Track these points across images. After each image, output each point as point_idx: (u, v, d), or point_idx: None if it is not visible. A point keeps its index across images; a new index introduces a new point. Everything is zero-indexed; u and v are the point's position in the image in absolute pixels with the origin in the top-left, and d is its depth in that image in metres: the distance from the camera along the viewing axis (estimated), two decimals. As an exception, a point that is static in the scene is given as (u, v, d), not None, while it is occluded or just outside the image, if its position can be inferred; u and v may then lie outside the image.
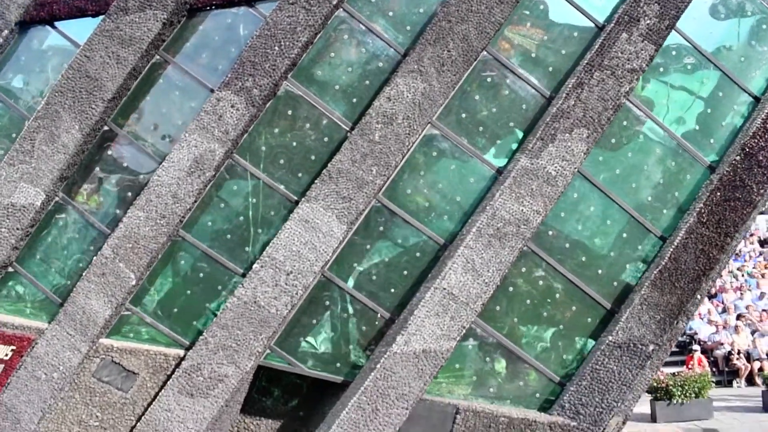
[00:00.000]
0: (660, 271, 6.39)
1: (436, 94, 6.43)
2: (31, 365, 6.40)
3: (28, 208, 6.51)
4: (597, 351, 6.40)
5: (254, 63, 6.40)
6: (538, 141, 6.35)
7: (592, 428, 6.26)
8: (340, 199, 6.38)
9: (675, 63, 6.75)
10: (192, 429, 6.35)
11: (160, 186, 6.40)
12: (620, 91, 6.40)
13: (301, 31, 6.38)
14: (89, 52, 6.54)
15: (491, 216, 6.29)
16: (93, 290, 6.39)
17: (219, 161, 6.39)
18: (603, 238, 6.64)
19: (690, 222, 6.42)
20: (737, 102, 6.71)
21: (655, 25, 6.44)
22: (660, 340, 6.28)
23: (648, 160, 6.66)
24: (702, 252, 6.36)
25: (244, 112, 6.38)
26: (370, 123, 6.41)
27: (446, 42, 6.42)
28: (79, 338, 6.37)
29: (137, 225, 6.40)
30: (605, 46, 6.42)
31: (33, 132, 6.52)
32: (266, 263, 6.37)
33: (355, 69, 6.64)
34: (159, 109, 6.72)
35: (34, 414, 6.36)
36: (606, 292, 6.60)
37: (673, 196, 6.67)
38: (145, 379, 6.53)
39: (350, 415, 6.14)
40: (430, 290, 6.22)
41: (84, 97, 6.52)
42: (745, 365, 15.05)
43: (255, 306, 6.35)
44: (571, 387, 6.42)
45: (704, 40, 6.71)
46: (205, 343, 6.36)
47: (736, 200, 6.39)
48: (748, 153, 6.43)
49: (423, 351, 6.19)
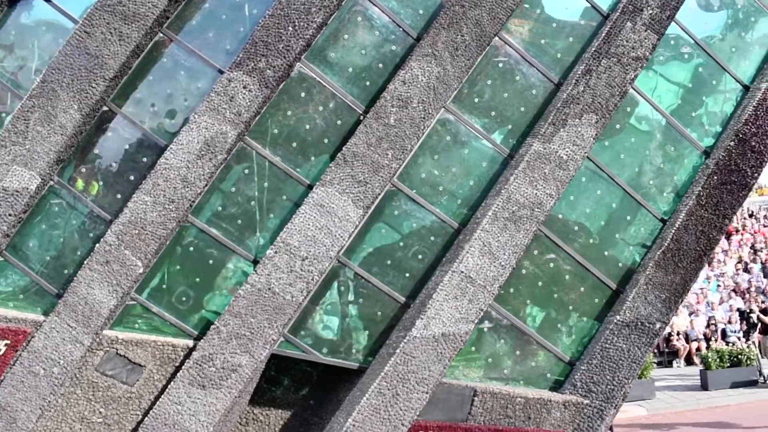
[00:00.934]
0: (663, 252, 6.64)
1: (450, 78, 6.44)
2: (27, 360, 6.00)
3: (22, 193, 6.09)
4: (606, 330, 6.58)
5: (267, 43, 6.22)
6: (549, 126, 6.47)
7: (604, 405, 6.44)
8: (356, 183, 6.30)
9: (672, 52, 7.01)
10: (204, 422, 6.12)
11: (168, 169, 6.13)
12: (626, 78, 6.61)
13: (316, 11, 6.25)
14: (89, 28, 6.17)
15: (506, 199, 6.36)
16: (96, 279, 6.05)
17: (231, 144, 6.18)
18: (608, 221, 6.83)
19: (690, 204, 6.70)
20: (729, 90, 7.05)
21: (657, 14, 6.67)
22: (666, 318, 6.53)
23: (649, 146, 6.90)
24: (702, 233, 6.64)
25: (258, 93, 6.19)
26: (385, 106, 6.36)
27: (460, 26, 6.44)
28: (81, 330, 6.02)
29: (143, 210, 6.10)
30: (611, 34, 6.61)
31: (27, 111, 6.10)
32: (280, 249, 6.21)
33: (369, 52, 6.56)
34: (163, 90, 6.43)
35: (32, 412, 5.97)
36: (611, 274, 6.81)
37: (672, 180, 6.95)
38: (152, 372, 6.25)
39: (370, 401, 6.08)
40: (448, 273, 6.23)
41: (83, 75, 6.16)
42: (684, 346, 15.90)
43: (269, 293, 6.18)
44: (581, 366, 6.57)
45: (698, 30, 7.02)
46: (218, 333, 6.14)
47: (732, 183, 6.71)
48: (741, 139, 6.76)
49: (442, 334, 6.19)
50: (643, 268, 6.71)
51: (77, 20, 6.34)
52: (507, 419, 6.35)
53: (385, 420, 6.07)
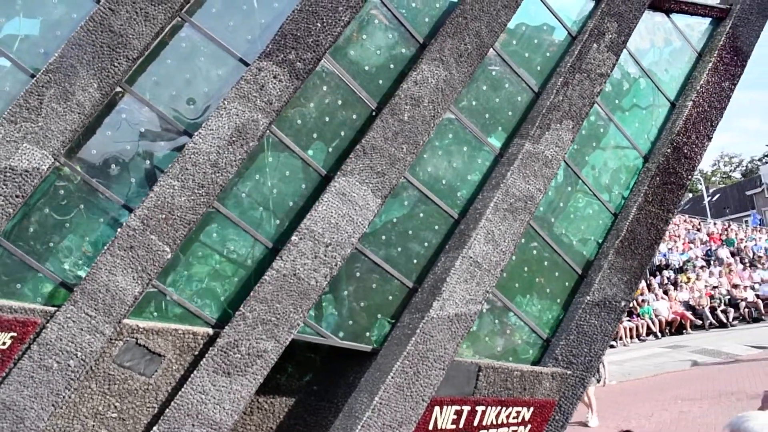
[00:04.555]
0: (621, 241, 7.70)
1: (455, 82, 7.02)
2: (38, 354, 5.53)
3: (32, 173, 5.65)
4: (579, 309, 7.47)
5: (296, 36, 6.38)
6: (537, 129, 7.28)
7: (584, 374, 7.30)
8: (375, 174, 6.63)
9: (621, 71, 8.20)
10: (229, 410, 6.04)
11: (197, 154, 6.03)
12: (594, 90, 7.64)
13: (343, 10, 6.54)
14: (114, 5, 5.92)
15: (505, 193, 7.04)
16: (119, 265, 5.76)
17: (262, 131, 6.23)
18: (576, 215, 7.78)
19: (639, 201, 7.85)
20: (660, 105, 8.37)
21: (615, 38, 7.81)
22: (629, 296, 7.58)
23: (607, 150, 7.99)
24: (652, 225, 7.81)
25: (288, 84, 6.32)
26: (399, 104, 6.78)
27: (463, 36, 7.07)
28: (101, 319, 5.69)
29: (171, 194, 5.94)
30: (582, 53, 7.62)
31: (42, 87, 5.69)
32: (305, 235, 6.34)
33: (383, 52, 6.95)
34: (181, 74, 6.30)
35: (42, 410, 5.51)
36: (577, 261, 7.74)
37: (620, 179, 8.08)
38: (171, 362, 6.03)
39: (395, 379, 6.38)
40: (459, 259, 6.75)
41: (106, 52, 5.88)
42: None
43: (294, 278, 6.28)
44: (560, 342, 7.39)
45: (642, 53, 8.29)
46: (243, 318, 6.11)
47: (672, 184, 7.97)
48: (675, 147, 8.07)
49: (455, 315, 6.68)
50: (604, 255, 7.72)
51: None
52: (507, 391, 6.97)
53: (407, 397, 6.41)
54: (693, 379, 13.95)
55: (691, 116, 8.14)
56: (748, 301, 21.92)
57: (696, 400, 11.76)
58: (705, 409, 11.01)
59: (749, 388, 11.94)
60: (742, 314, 21.65)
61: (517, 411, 6.97)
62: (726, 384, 12.78)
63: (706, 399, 11.80)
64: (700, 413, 10.81)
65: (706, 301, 21.70)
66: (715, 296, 22.10)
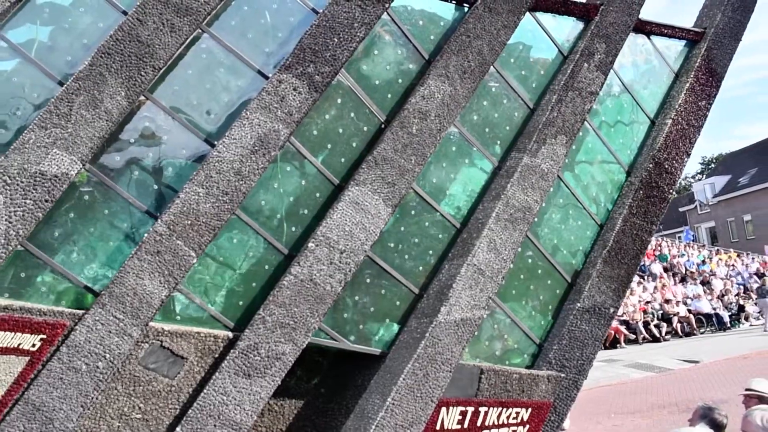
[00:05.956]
0: (608, 251, 8.18)
1: (459, 97, 7.40)
2: (67, 355, 5.65)
3: (61, 178, 5.77)
4: (570, 315, 7.91)
5: (315, 51, 6.66)
6: (534, 143, 7.71)
7: (577, 376, 7.72)
8: (385, 184, 6.93)
9: (607, 89, 8.72)
10: (249, 411, 6.24)
11: (220, 162, 6.23)
12: (584, 108, 8.12)
13: (358, 27, 6.85)
14: (142, 16, 6.10)
15: (505, 203, 7.44)
16: (146, 269, 5.91)
17: (283, 141, 6.48)
18: (566, 226, 8.23)
19: (624, 213, 8.36)
20: (641, 122, 8.92)
21: (603, 59, 8.32)
22: (618, 303, 8.05)
23: (594, 164, 8.48)
24: (636, 236, 8.32)
25: (307, 96, 6.58)
26: (408, 117, 7.11)
27: (466, 53, 7.46)
28: (129, 322, 5.83)
29: (196, 201, 6.13)
30: (574, 71, 8.09)
31: (72, 94, 5.82)
32: (321, 242, 6.60)
33: (392, 67, 7.28)
34: (202, 84, 6.49)
35: (72, 411, 5.62)
36: (566, 269, 8.19)
37: (605, 191, 8.58)
38: (192, 364, 6.20)
39: (406, 381, 6.68)
40: (464, 266, 7.10)
41: (133, 62, 6.05)
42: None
43: (311, 283, 6.53)
44: (553, 346, 7.81)
45: (624, 73, 8.83)
46: (263, 322, 6.32)
47: (654, 197, 8.51)
48: (657, 162, 8.61)
49: (461, 319, 7.02)
50: (592, 264, 8.19)
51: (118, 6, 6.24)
52: (507, 393, 7.34)
53: (418, 398, 6.71)
54: (626, 393, 14.12)
55: (671, 133, 8.70)
56: (680, 316, 22.70)
57: (629, 414, 11.95)
58: (638, 423, 11.22)
59: (681, 402, 12.24)
60: (674, 329, 22.35)
61: (516, 412, 7.34)
62: (659, 397, 13.01)
63: (639, 413, 12.01)
64: (633, 427, 11.02)
65: (639, 316, 22.30)
66: (648, 311, 22.78)
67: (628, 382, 15.44)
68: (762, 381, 5.99)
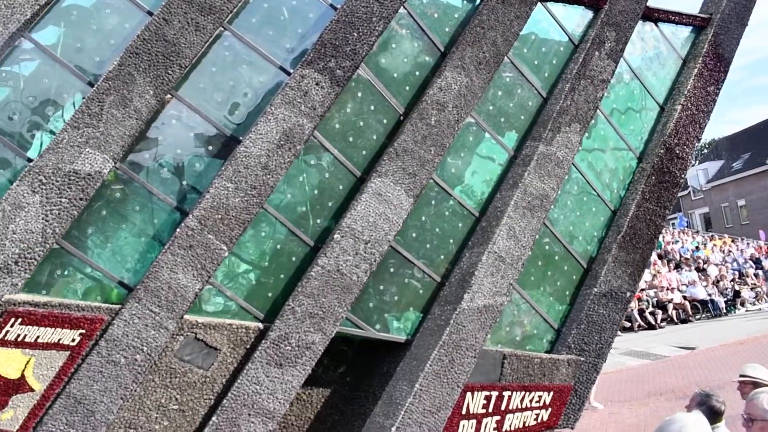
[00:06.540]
0: (623, 236, 8.34)
1: (475, 88, 7.52)
2: (106, 349, 5.77)
3: (94, 177, 5.88)
4: (587, 300, 8.07)
5: (335, 46, 6.77)
6: (549, 132, 7.85)
7: (596, 360, 7.90)
8: (407, 175, 7.07)
9: (617, 77, 8.86)
10: (281, 399, 6.38)
11: (248, 157, 6.35)
12: (597, 95, 8.26)
13: (377, 21, 6.96)
14: (168, 16, 6.20)
15: (523, 192, 7.58)
16: (180, 263, 6.04)
17: (307, 135, 6.60)
18: (581, 212, 8.39)
19: (637, 199, 8.51)
20: (651, 108, 9.07)
21: (613, 47, 8.46)
22: (634, 287, 8.22)
23: (606, 151, 8.63)
24: (650, 221, 8.48)
25: (329, 90, 6.70)
26: (426, 109, 7.24)
27: (481, 45, 7.58)
28: (165, 315, 5.96)
29: (226, 196, 6.25)
30: (586, 60, 8.23)
31: (103, 94, 5.93)
32: (346, 233, 6.73)
33: (409, 60, 7.40)
34: (225, 81, 6.60)
35: (112, 403, 5.75)
36: (582, 255, 8.35)
37: (617, 178, 8.74)
38: (225, 355, 6.34)
39: (432, 367, 6.83)
40: (485, 254, 7.25)
41: (160, 61, 6.16)
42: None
43: (338, 274, 6.66)
44: (572, 331, 7.97)
45: (633, 60, 8.98)
46: (293, 313, 6.46)
47: (666, 182, 8.67)
48: (668, 148, 8.77)
49: (484, 306, 7.17)
50: (607, 249, 8.35)
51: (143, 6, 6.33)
52: (529, 377, 7.50)
53: (444, 383, 6.86)
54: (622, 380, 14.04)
55: (681, 119, 8.86)
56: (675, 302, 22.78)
57: (625, 402, 11.98)
58: (634, 410, 11.28)
59: (678, 389, 12.29)
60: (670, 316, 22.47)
61: (539, 395, 7.51)
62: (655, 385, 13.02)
63: (635, 400, 12.02)
64: (630, 414, 11.09)
65: (634, 303, 22.28)
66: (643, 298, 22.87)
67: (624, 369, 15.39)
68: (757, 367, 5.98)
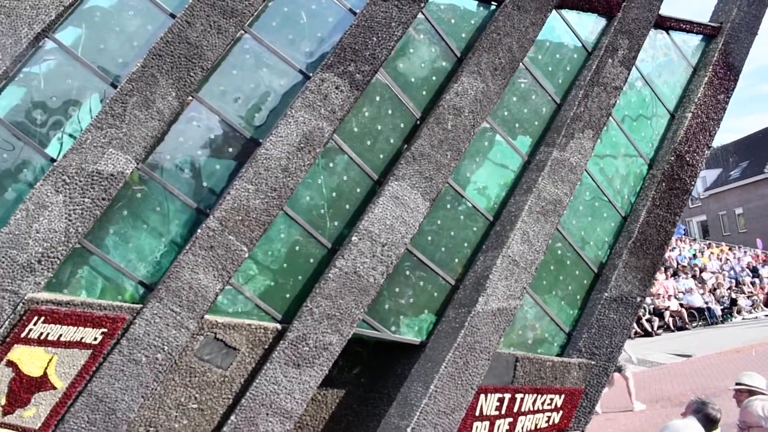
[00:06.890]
0: (633, 241, 8.42)
1: (491, 93, 7.60)
2: (128, 348, 5.82)
3: (117, 177, 5.94)
4: (599, 304, 8.14)
5: (355, 50, 6.84)
6: (563, 137, 7.93)
7: (607, 364, 7.96)
8: (423, 179, 7.13)
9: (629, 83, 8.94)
10: (299, 399, 6.43)
11: (268, 159, 6.41)
12: (610, 102, 8.34)
13: (396, 26, 7.04)
14: (190, 18, 6.27)
15: (537, 196, 7.65)
16: (201, 264, 6.09)
17: (327, 138, 6.66)
18: (593, 218, 8.46)
19: (648, 205, 8.59)
20: (661, 115, 9.16)
21: (626, 54, 8.54)
22: (644, 292, 8.29)
23: (618, 158, 8.72)
24: (661, 227, 8.56)
25: (349, 94, 6.77)
26: (443, 114, 7.31)
27: (497, 51, 7.66)
28: (186, 315, 6.01)
29: (246, 197, 6.31)
30: (599, 67, 8.31)
31: (126, 95, 5.99)
32: (363, 236, 6.79)
33: (426, 65, 7.48)
34: (246, 84, 6.67)
35: (133, 401, 5.80)
36: (592, 260, 8.42)
37: (627, 184, 8.82)
38: (244, 355, 6.39)
39: (447, 369, 6.89)
40: (499, 257, 7.32)
41: (183, 63, 6.22)
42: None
43: (355, 276, 6.72)
44: (583, 334, 8.04)
45: (644, 67, 9.07)
46: (311, 314, 6.51)
47: (677, 189, 8.75)
48: (678, 155, 8.85)
49: (498, 309, 7.24)
50: (618, 255, 8.42)
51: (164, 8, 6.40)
52: (540, 380, 7.57)
53: (458, 385, 6.92)
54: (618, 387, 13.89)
55: (692, 126, 8.95)
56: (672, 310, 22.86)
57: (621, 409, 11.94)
58: (630, 417, 11.29)
59: (674, 397, 12.32)
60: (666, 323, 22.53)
61: (550, 398, 7.57)
62: (651, 392, 13.02)
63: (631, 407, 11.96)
64: (626, 421, 11.10)
65: None
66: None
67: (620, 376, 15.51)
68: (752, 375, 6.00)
